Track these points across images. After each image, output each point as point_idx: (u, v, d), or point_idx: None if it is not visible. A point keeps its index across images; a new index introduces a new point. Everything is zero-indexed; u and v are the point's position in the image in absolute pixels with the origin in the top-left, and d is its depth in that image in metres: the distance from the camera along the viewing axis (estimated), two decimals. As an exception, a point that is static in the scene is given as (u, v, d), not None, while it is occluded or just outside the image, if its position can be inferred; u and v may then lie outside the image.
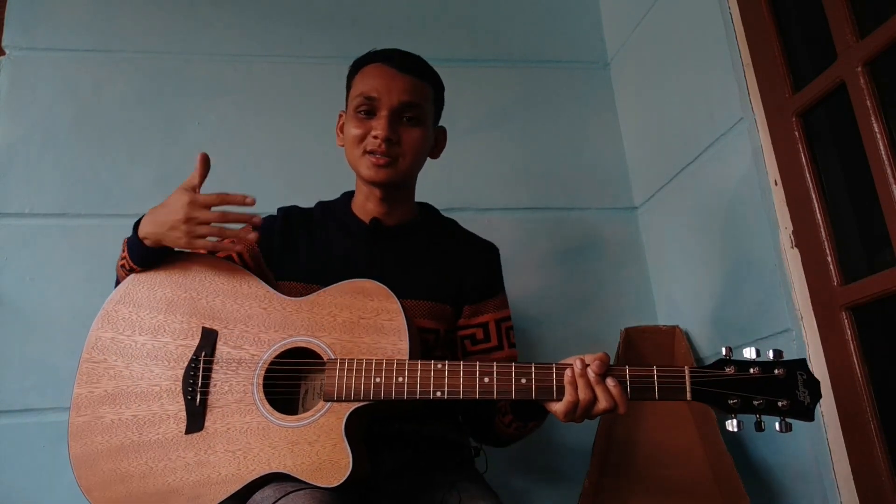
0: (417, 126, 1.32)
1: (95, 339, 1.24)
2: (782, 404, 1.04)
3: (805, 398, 1.05)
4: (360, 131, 1.30)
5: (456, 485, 1.22)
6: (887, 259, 1.30)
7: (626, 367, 1.09)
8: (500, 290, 1.41)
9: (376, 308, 1.17)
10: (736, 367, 1.07)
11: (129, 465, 1.15)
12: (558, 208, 2.01)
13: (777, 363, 1.06)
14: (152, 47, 1.96)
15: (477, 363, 1.11)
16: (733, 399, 1.05)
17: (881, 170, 1.26)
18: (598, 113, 2.12)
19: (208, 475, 1.12)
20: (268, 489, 1.09)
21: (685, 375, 1.07)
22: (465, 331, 1.36)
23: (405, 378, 1.10)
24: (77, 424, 1.20)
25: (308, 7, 2.07)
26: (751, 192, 1.55)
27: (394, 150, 1.30)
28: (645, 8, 1.96)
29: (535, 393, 1.09)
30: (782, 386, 1.05)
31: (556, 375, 1.09)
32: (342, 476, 1.07)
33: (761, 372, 1.06)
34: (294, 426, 1.12)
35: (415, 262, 1.36)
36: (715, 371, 1.07)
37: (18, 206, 1.77)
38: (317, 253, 1.35)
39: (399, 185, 1.35)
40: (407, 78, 1.32)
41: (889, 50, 1.27)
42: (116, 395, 1.20)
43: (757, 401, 1.05)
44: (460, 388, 1.10)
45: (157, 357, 1.21)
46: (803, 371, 1.06)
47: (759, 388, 1.05)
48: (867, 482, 1.31)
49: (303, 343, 1.18)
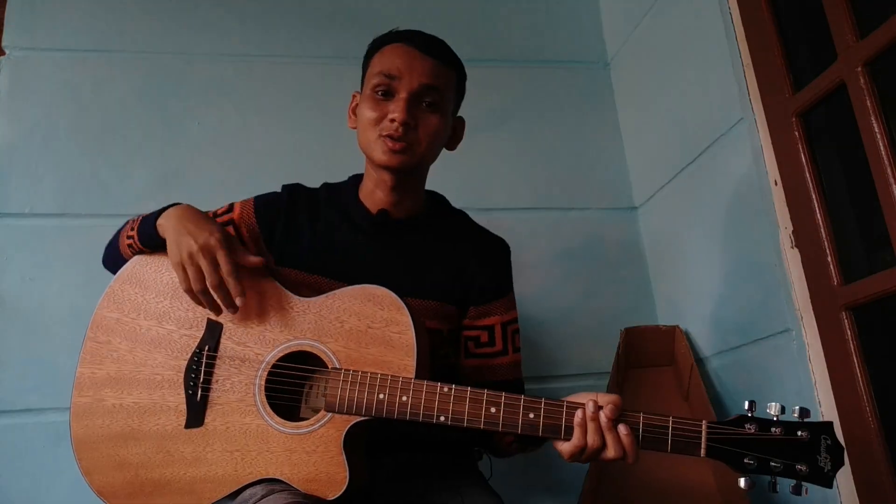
0: (436, 112, 1.24)
1: (101, 318, 1.21)
2: (801, 469, 0.97)
3: (826, 465, 0.98)
4: (376, 114, 1.23)
5: (460, 489, 1.20)
6: (887, 259, 1.30)
7: (640, 415, 1.02)
8: (509, 290, 1.36)
9: (386, 319, 1.13)
10: (758, 426, 1.00)
11: (127, 453, 1.15)
12: (558, 208, 2.01)
13: (802, 424, 0.99)
14: (152, 47, 1.96)
15: (485, 391, 1.06)
16: (750, 459, 0.99)
17: (881, 170, 1.26)
18: (598, 113, 2.12)
19: (205, 473, 1.12)
20: (257, 486, 1.08)
21: (702, 431, 1.00)
22: (470, 332, 1.32)
23: (409, 398, 1.07)
24: (79, 405, 1.19)
25: (308, 7, 2.07)
26: (751, 192, 1.55)
27: (410, 135, 1.22)
28: (645, 8, 1.96)
29: (542, 430, 1.04)
30: (804, 449, 0.98)
31: (567, 415, 1.03)
32: (338, 491, 1.05)
33: (784, 433, 0.99)
34: (293, 433, 1.11)
35: (421, 259, 1.31)
36: (735, 429, 1.00)
37: (18, 206, 1.77)
38: (320, 241, 1.30)
39: (412, 172, 1.27)
40: (430, 60, 1.24)
41: (889, 50, 1.27)
42: (119, 380, 1.18)
43: (775, 463, 0.98)
44: (465, 416, 1.05)
45: (160, 345, 1.19)
46: (828, 436, 0.99)
47: (780, 451, 0.99)
48: (868, 484, 1.30)
49: (308, 347, 1.15)
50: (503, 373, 1.31)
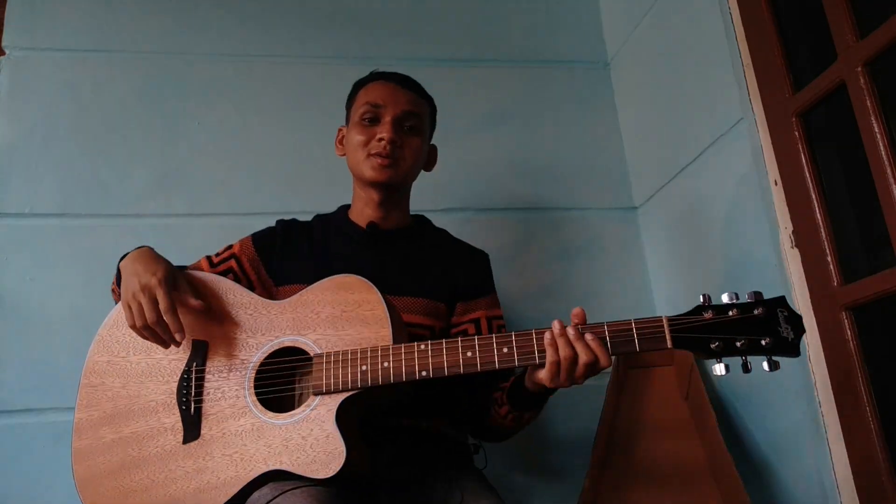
0: (417, 136, 1.41)
1: (92, 364, 1.27)
2: (765, 342, 1.03)
3: (788, 334, 1.04)
4: (364, 137, 1.38)
5: (457, 482, 1.23)
6: (887, 259, 1.30)
7: (604, 324, 1.10)
8: (492, 291, 1.45)
9: (357, 300, 1.19)
10: (714, 312, 1.06)
11: (130, 481, 1.17)
12: (558, 208, 2.01)
13: (756, 303, 1.05)
14: (152, 47, 1.96)
15: (458, 339, 1.13)
16: (715, 342, 1.04)
17: (881, 170, 1.26)
18: (598, 113, 2.12)
19: (208, 481, 1.13)
20: (265, 488, 1.10)
21: (664, 324, 1.07)
22: (458, 327, 1.40)
23: (390, 362, 1.12)
24: (79, 448, 1.22)
25: (308, 7, 2.07)
26: (751, 192, 1.55)
27: (397, 152, 1.37)
28: (645, 8, 1.96)
29: (518, 360, 1.10)
30: (763, 324, 1.04)
31: (537, 339, 1.10)
32: (338, 465, 1.07)
33: (740, 313, 1.05)
34: (286, 423, 1.13)
35: (411, 262, 1.40)
36: (693, 317, 1.07)
37: (18, 206, 1.77)
38: (318, 257, 1.39)
39: (398, 187, 1.41)
40: (409, 92, 1.42)
41: (889, 50, 1.27)
42: (115, 415, 1.22)
43: (739, 341, 1.04)
44: (444, 365, 1.11)
45: (151, 374, 1.24)
46: (784, 308, 1.05)
47: (740, 329, 1.04)
48: (867, 483, 1.30)
49: (290, 343, 1.20)
50: None
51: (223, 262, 1.40)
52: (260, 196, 1.88)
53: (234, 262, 1.40)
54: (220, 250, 1.44)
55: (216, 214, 1.85)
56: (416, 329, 1.31)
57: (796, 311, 1.05)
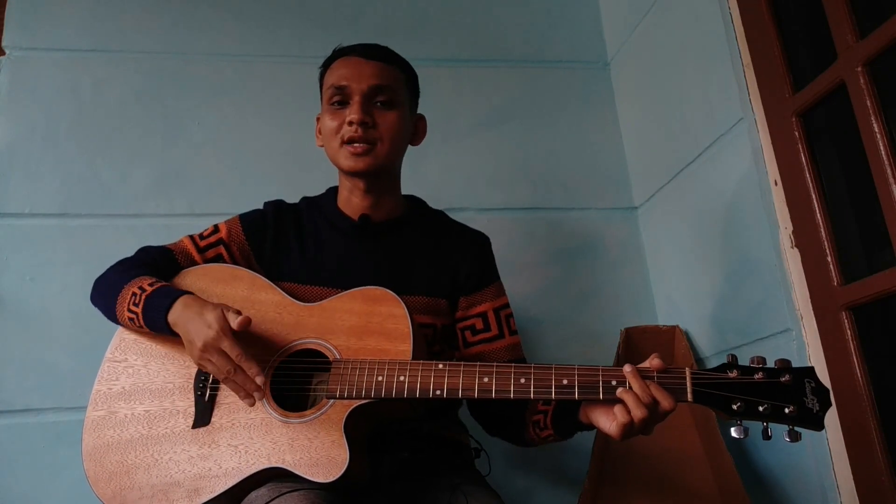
0: (392, 109, 1.31)
1: (119, 340, 1.28)
2: (789, 410, 0.98)
3: (814, 405, 0.99)
4: (335, 122, 1.30)
5: (460, 487, 1.21)
6: (887, 259, 1.30)
7: (619, 368, 1.06)
8: (496, 279, 1.40)
9: (384, 313, 1.19)
10: (740, 371, 1.02)
11: (135, 458, 1.18)
12: (558, 208, 2.01)
13: (784, 370, 1.01)
14: (152, 47, 1.96)
15: (477, 364, 1.12)
16: (737, 403, 1.00)
17: (881, 170, 1.26)
18: (598, 113, 2.12)
19: (209, 468, 1.14)
20: (263, 488, 1.09)
21: (686, 376, 1.04)
22: (464, 322, 1.36)
23: (406, 377, 1.12)
24: (92, 419, 1.23)
25: (308, 7, 2.07)
26: (751, 192, 1.55)
27: (370, 133, 1.28)
28: (645, 8, 1.96)
29: (534, 393, 1.08)
30: (789, 392, 1.00)
31: (556, 377, 1.08)
32: (338, 472, 1.07)
33: (766, 377, 1.01)
34: (296, 422, 1.14)
35: (408, 257, 1.36)
36: (717, 374, 1.03)
37: (18, 206, 1.77)
38: (310, 253, 1.35)
39: (380, 173, 1.32)
40: (374, 63, 1.32)
41: (889, 50, 1.27)
42: (132, 392, 1.23)
43: (762, 405, 0.99)
44: (459, 387, 1.10)
45: (173, 357, 1.24)
46: (811, 379, 1.01)
47: (765, 394, 1.00)
48: (868, 483, 1.30)
49: (312, 345, 1.20)
50: (504, 355, 1.34)
51: (210, 247, 1.34)
52: (260, 196, 1.87)
53: (224, 250, 1.34)
54: (204, 231, 1.37)
55: (216, 214, 1.83)
56: (419, 328, 1.29)
57: (824, 385, 1.01)
